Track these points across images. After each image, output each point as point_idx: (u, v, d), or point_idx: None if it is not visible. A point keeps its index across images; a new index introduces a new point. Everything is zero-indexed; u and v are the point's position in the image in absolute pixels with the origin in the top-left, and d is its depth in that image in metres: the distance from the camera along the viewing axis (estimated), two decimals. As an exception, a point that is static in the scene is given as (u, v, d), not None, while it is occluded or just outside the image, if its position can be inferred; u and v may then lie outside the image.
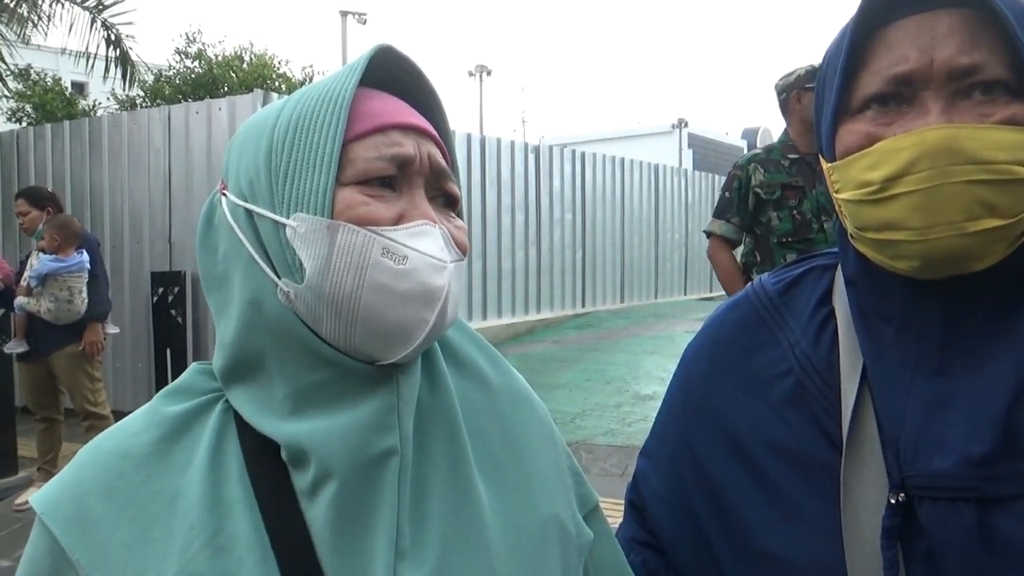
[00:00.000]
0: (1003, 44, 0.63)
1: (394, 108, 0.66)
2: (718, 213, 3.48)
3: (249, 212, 0.63)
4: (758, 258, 3.39)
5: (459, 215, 0.69)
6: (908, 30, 0.66)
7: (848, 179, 0.68)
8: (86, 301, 4.50)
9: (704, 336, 0.88)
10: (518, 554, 0.66)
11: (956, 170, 0.62)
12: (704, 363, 0.86)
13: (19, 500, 4.58)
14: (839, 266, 0.80)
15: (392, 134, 0.63)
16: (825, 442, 0.73)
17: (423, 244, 0.61)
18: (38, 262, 4.44)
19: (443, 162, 0.67)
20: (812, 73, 3.22)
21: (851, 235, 0.71)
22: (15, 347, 4.58)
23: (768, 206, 3.31)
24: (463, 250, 0.66)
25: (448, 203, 0.68)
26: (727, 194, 3.44)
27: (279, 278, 0.61)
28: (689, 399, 0.86)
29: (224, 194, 0.66)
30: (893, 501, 0.67)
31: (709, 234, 3.51)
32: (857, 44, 0.69)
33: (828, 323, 0.77)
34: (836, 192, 0.71)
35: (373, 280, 0.59)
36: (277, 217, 0.61)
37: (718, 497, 0.79)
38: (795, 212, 3.25)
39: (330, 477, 0.60)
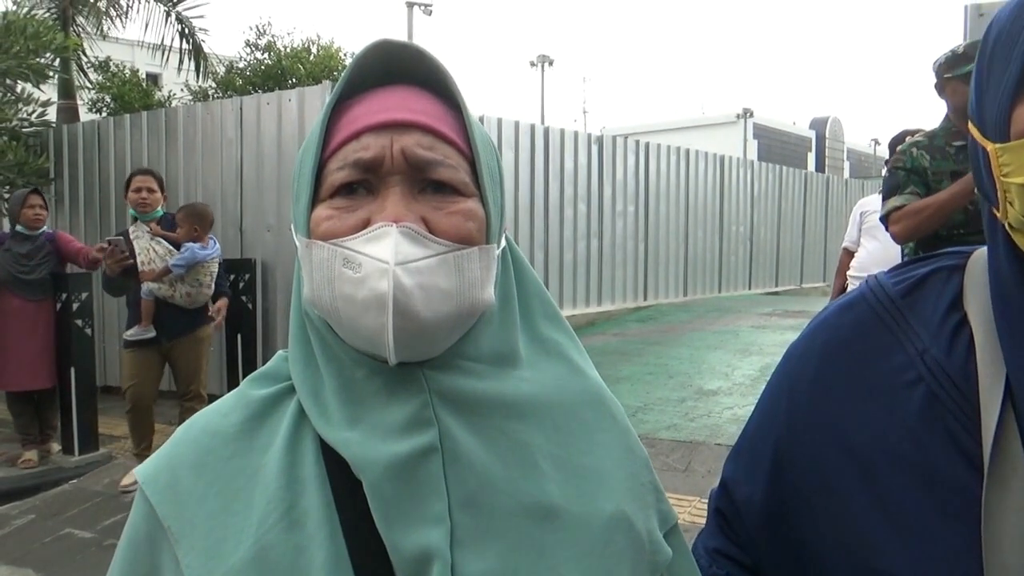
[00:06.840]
0: None
1: (373, 108, 0.65)
2: (890, 192, 3.02)
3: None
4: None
5: (483, 197, 0.66)
6: None
7: None
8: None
9: (813, 338, 0.82)
10: (586, 559, 0.65)
11: None
12: (814, 366, 0.80)
13: (125, 481, 4.71)
14: (967, 268, 0.74)
15: (363, 139, 0.64)
16: (962, 461, 0.67)
17: (374, 248, 0.60)
18: (184, 250, 4.43)
19: (424, 152, 0.63)
20: (952, 61, 2.85)
21: (1011, 225, 0.65)
22: (141, 333, 4.44)
23: None
24: (455, 237, 0.63)
25: (452, 190, 0.64)
26: (899, 173, 2.99)
27: None
28: (795, 404, 0.81)
29: None
30: None
31: (887, 216, 3.00)
32: None
33: (962, 330, 0.71)
34: (1004, 176, 0.63)
35: (341, 292, 0.61)
36: (295, 239, 0.67)
37: (831, 509, 0.74)
38: (968, 203, 2.79)
39: (366, 473, 0.62)
